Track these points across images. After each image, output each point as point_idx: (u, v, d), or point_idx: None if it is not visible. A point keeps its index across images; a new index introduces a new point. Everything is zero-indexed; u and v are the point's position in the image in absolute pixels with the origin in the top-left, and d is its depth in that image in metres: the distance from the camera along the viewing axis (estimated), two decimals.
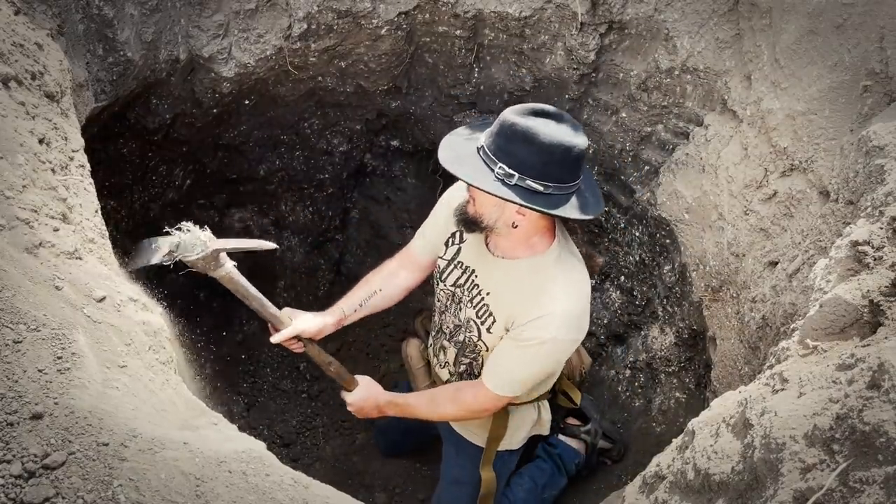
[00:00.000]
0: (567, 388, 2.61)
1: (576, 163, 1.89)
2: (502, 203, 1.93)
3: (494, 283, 2.15)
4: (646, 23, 2.26)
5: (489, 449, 2.47)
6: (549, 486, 2.63)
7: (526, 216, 1.97)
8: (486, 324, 2.18)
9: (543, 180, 1.86)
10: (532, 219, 1.99)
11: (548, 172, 1.86)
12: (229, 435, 1.35)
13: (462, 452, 2.55)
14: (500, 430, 2.45)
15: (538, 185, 1.85)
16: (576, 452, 2.70)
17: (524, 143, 1.85)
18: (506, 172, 1.85)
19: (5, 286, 1.20)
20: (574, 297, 2.03)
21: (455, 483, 2.56)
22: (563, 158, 1.86)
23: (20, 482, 1.00)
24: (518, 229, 2.01)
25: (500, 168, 1.86)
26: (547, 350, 2.03)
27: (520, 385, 2.14)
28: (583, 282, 2.08)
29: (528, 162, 1.85)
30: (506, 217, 1.98)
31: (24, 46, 1.56)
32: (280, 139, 2.98)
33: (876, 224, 1.35)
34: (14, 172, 1.37)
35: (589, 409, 2.74)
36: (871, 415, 0.94)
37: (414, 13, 2.41)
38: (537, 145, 1.84)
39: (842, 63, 1.73)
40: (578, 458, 2.70)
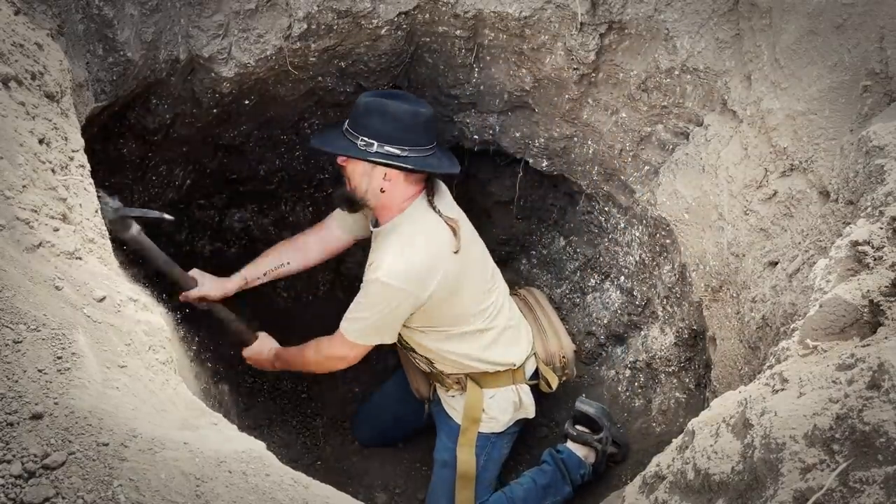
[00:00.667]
0: (545, 373, 2.67)
1: (426, 126, 2.27)
2: (369, 172, 2.27)
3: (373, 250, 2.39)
4: (646, 23, 2.25)
5: (468, 430, 2.54)
6: (551, 490, 2.63)
7: (391, 180, 2.27)
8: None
9: (400, 144, 2.21)
10: (398, 183, 2.29)
11: (402, 138, 2.21)
12: (229, 435, 1.35)
13: (450, 434, 2.62)
14: (475, 412, 2.53)
15: (396, 149, 2.21)
16: (581, 462, 2.69)
17: (377, 115, 2.22)
18: (366, 142, 2.22)
19: (5, 286, 1.20)
20: (409, 248, 2.25)
21: (444, 466, 2.63)
22: (414, 122, 2.23)
23: (20, 482, 1.00)
24: (387, 195, 2.30)
25: (362, 140, 2.23)
26: (375, 290, 2.24)
27: (360, 326, 2.33)
28: (427, 235, 2.29)
29: (383, 131, 2.21)
30: (374, 185, 2.28)
31: (24, 46, 1.56)
32: (280, 139, 2.98)
33: (876, 224, 1.35)
34: (14, 172, 1.37)
35: (601, 417, 2.73)
36: (871, 415, 0.94)
37: (414, 13, 2.41)
38: (388, 115, 2.22)
39: (842, 63, 1.73)
40: (584, 469, 2.69)
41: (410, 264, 2.23)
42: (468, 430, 2.56)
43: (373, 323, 2.32)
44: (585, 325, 3.16)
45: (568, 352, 2.74)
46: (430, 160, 2.29)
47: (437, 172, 2.35)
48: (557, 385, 2.72)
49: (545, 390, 2.71)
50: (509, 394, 2.58)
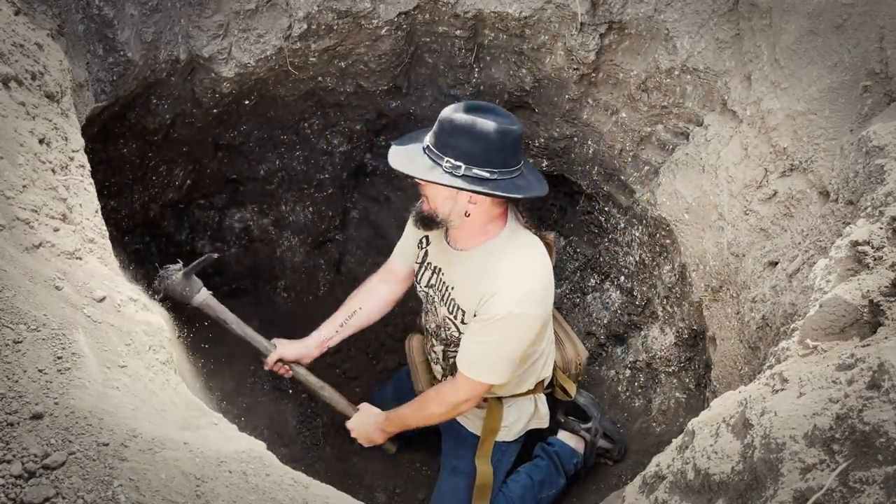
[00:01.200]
0: (563, 381, 2.65)
1: (514, 146, 2.05)
2: (454, 195, 2.08)
3: (456, 276, 2.25)
4: (646, 23, 2.26)
5: (486, 441, 2.51)
6: (546, 484, 2.63)
7: (477, 203, 2.10)
8: (458, 318, 2.26)
9: (488, 167, 2.01)
10: (483, 206, 2.12)
11: (491, 159, 2.01)
12: (229, 435, 1.35)
13: (461, 442, 2.59)
14: (495, 423, 2.50)
15: (484, 171, 2.00)
16: (573, 452, 2.69)
17: (465, 135, 2.00)
18: (453, 164, 2.00)
19: (5, 286, 1.20)
20: (525, 271, 2.12)
21: (453, 472, 2.59)
22: (503, 143, 2.01)
23: (20, 482, 1.00)
24: (471, 218, 2.14)
25: (448, 161, 2.01)
26: (505, 325, 2.10)
27: (491, 366, 2.19)
28: (535, 256, 2.17)
29: (471, 151, 2.00)
30: (458, 208, 2.11)
31: (24, 46, 1.56)
32: (280, 139, 2.98)
33: (876, 224, 1.35)
34: (14, 172, 1.37)
35: (590, 407, 2.73)
36: (871, 415, 0.94)
37: (414, 13, 2.41)
38: (477, 134, 1.99)
39: (842, 63, 1.73)
40: (576, 458, 2.70)
41: (530, 288, 2.11)
42: (486, 442, 2.51)
43: (502, 357, 2.18)
44: (585, 325, 3.16)
45: (583, 358, 2.72)
46: (519, 181, 2.08)
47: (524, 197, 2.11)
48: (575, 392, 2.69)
49: (562, 398, 2.67)
50: (527, 404, 2.56)
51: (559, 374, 2.65)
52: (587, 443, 2.72)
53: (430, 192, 2.12)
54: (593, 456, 2.74)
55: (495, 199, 2.11)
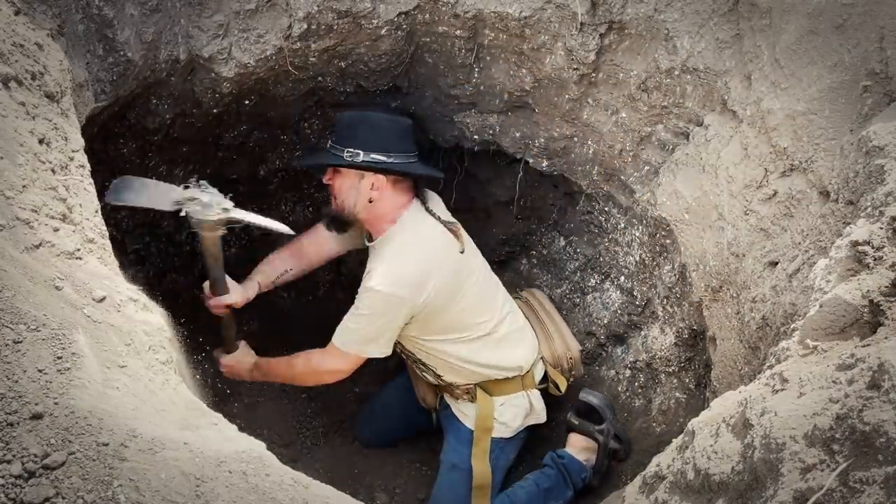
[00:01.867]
0: (553, 376, 2.67)
1: (405, 133, 2.34)
2: (356, 184, 2.31)
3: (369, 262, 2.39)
4: (646, 23, 2.25)
5: (481, 441, 2.53)
6: (552, 493, 2.62)
7: (380, 189, 2.31)
8: None
9: (384, 152, 2.27)
10: (386, 192, 2.32)
11: (386, 145, 2.27)
12: (229, 435, 1.35)
13: (460, 438, 2.61)
14: (487, 422, 2.53)
15: (381, 156, 2.27)
16: (583, 466, 2.68)
17: (359, 126, 2.30)
18: (352, 153, 2.27)
19: (5, 286, 1.20)
20: (403, 253, 2.26)
21: (452, 469, 2.61)
22: (395, 129, 2.31)
23: (20, 482, 1.00)
24: (375, 205, 2.33)
25: (347, 151, 2.27)
26: (369, 299, 2.24)
27: (355, 337, 2.32)
28: (421, 242, 2.30)
29: (368, 139, 2.27)
30: (362, 197, 2.32)
31: (24, 46, 1.56)
32: (280, 139, 2.98)
33: (876, 224, 1.35)
34: (14, 172, 1.37)
35: (604, 408, 2.73)
36: (871, 415, 0.94)
37: (414, 13, 2.41)
38: (370, 123, 2.30)
39: (842, 63, 1.73)
40: (585, 473, 2.68)
41: (404, 270, 2.23)
42: (481, 440, 2.55)
43: (368, 333, 2.31)
44: (585, 325, 3.16)
45: (574, 352, 2.75)
46: (415, 166, 2.34)
47: (423, 176, 2.39)
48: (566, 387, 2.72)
49: (554, 393, 2.71)
50: (520, 400, 2.58)
51: (549, 369, 2.67)
52: (600, 445, 2.71)
53: (336, 189, 2.36)
54: (607, 460, 2.73)
55: (398, 187, 2.33)
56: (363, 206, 2.33)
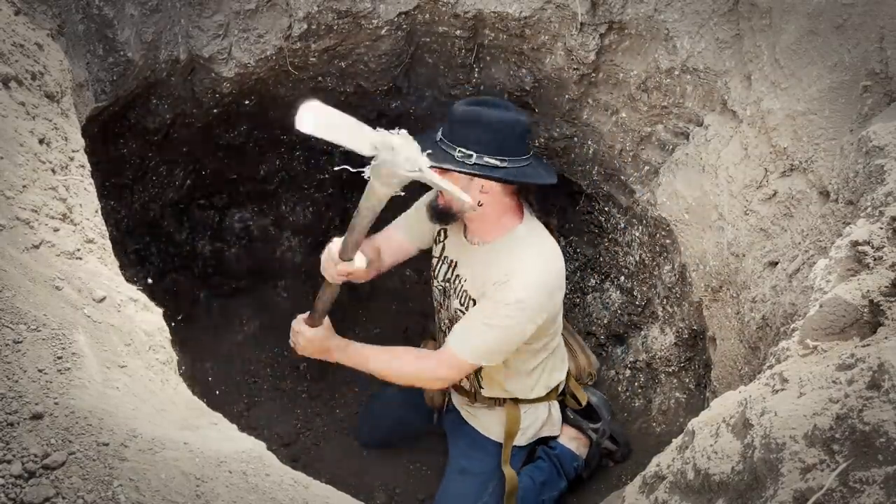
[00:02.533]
0: (575, 389, 2.66)
1: (523, 136, 2.13)
2: (466, 185, 2.11)
3: (471, 268, 2.26)
4: (646, 23, 2.25)
5: (507, 446, 2.51)
6: (547, 486, 2.63)
7: (489, 193, 2.14)
8: (468, 308, 2.25)
9: (499, 155, 2.07)
10: (496, 196, 2.16)
11: (501, 147, 2.07)
12: (229, 435, 1.35)
13: (473, 445, 2.58)
14: (514, 427, 2.49)
15: (495, 160, 2.06)
16: (575, 455, 2.69)
17: (475, 125, 2.07)
18: (464, 154, 2.06)
19: (5, 286, 1.20)
20: (540, 262, 2.14)
21: (462, 473, 2.58)
22: (512, 132, 2.09)
23: (20, 482, 1.00)
24: (485, 209, 2.17)
25: (459, 151, 2.07)
26: (510, 311, 2.09)
27: (482, 348, 2.15)
28: (552, 251, 2.19)
29: (481, 141, 2.06)
30: (472, 198, 2.09)
31: (24, 46, 1.56)
32: (280, 139, 2.98)
33: (876, 224, 1.35)
34: (14, 172, 1.37)
35: (602, 408, 2.73)
36: (871, 415, 0.94)
37: (414, 13, 2.41)
38: (486, 124, 2.07)
39: (842, 63, 1.73)
40: (577, 462, 2.69)
41: (544, 281, 2.12)
42: (508, 446, 2.51)
43: (500, 344, 2.16)
44: (585, 325, 3.16)
45: (595, 366, 2.74)
46: (528, 170, 2.14)
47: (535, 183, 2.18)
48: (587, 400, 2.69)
49: (573, 407, 2.68)
50: (542, 410, 2.56)
51: (572, 383, 2.66)
52: (592, 443, 2.71)
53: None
54: (597, 458, 2.73)
55: (507, 190, 2.16)
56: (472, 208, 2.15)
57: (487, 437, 2.56)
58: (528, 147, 2.15)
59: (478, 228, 2.25)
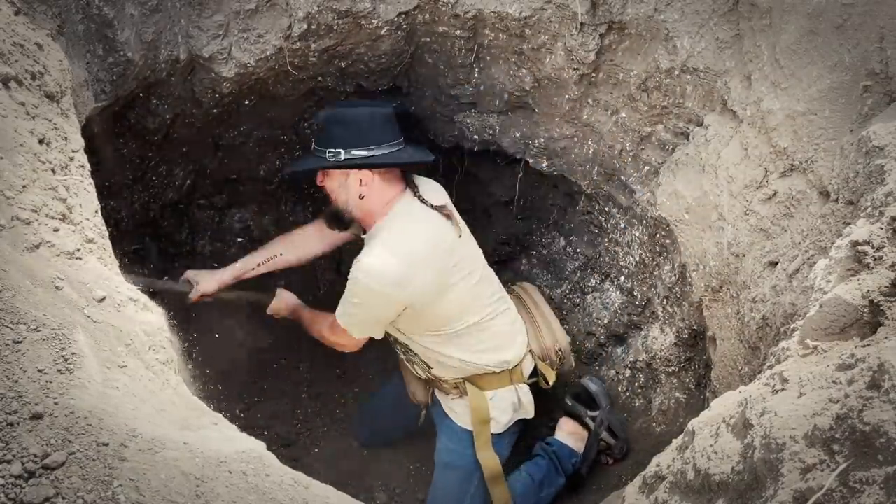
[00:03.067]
0: (542, 369, 2.67)
1: (385, 123, 2.30)
2: (344, 182, 2.31)
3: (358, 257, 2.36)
4: (646, 23, 2.25)
5: (481, 433, 2.53)
6: (546, 483, 2.64)
7: (368, 184, 2.29)
8: None
9: (365, 146, 2.24)
10: (374, 186, 2.30)
11: (366, 138, 2.24)
12: (229, 435, 1.35)
13: (452, 437, 2.62)
14: (482, 414, 2.53)
15: (363, 151, 2.24)
16: (572, 452, 2.70)
17: (336, 125, 2.27)
18: (333, 152, 2.25)
19: (5, 286, 1.20)
20: (388, 247, 2.24)
21: (446, 468, 2.62)
22: (372, 122, 2.27)
23: (20, 482, 1.00)
24: (366, 200, 2.32)
25: (329, 151, 2.26)
26: (357, 290, 2.25)
27: (347, 317, 2.34)
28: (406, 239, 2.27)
29: (345, 137, 2.25)
30: (352, 194, 2.31)
31: (24, 46, 1.56)
32: (280, 139, 2.98)
33: (876, 224, 1.35)
34: (14, 172, 1.37)
35: (600, 396, 2.73)
36: (871, 415, 0.94)
37: (414, 13, 2.41)
38: (346, 119, 2.27)
39: (842, 63, 1.73)
40: (575, 458, 2.70)
41: (387, 268, 2.21)
42: (481, 433, 2.55)
43: (360, 319, 2.35)
44: (585, 325, 3.16)
45: (563, 344, 2.73)
46: (400, 154, 2.31)
47: (407, 163, 2.37)
48: (554, 380, 2.71)
49: (544, 387, 2.71)
50: (509, 394, 2.58)
51: (538, 363, 2.67)
52: (590, 432, 2.71)
53: (328, 189, 2.38)
54: (595, 447, 2.72)
55: (385, 178, 2.31)
56: (355, 203, 2.33)
57: (464, 427, 2.58)
58: (397, 133, 2.32)
59: (366, 222, 2.40)
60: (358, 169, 2.27)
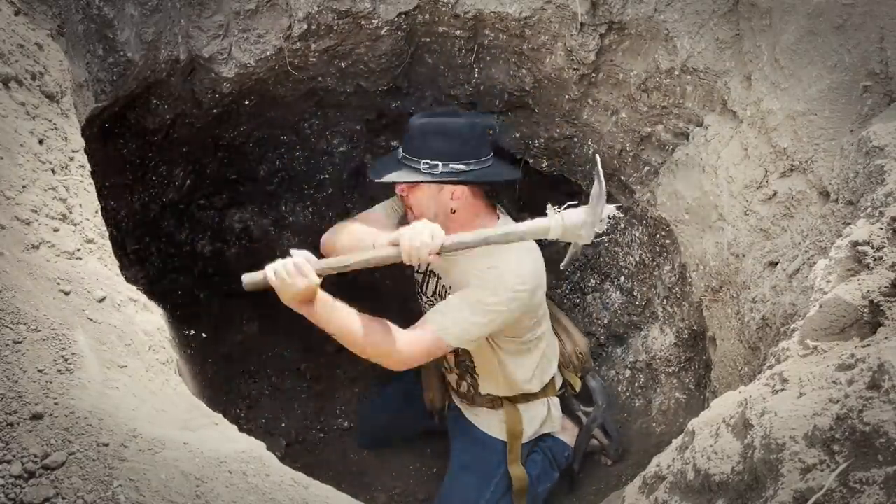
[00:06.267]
0: (567, 376, 2.67)
1: (482, 137, 2.20)
2: (435, 194, 2.17)
3: (455, 275, 2.27)
4: (646, 23, 2.25)
5: (514, 447, 2.53)
6: (542, 479, 2.65)
7: (461, 199, 2.19)
8: None
9: (463, 160, 2.14)
10: (467, 200, 2.21)
11: (463, 152, 2.14)
12: (229, 435, 1.35)
13: (475, 441, 2.61)
14: (516, 426, 2.51)
15: (460, 165, 2.13)
16: (565, 445, 2.71)
17: (436, 135, 2.14)
18: (430, 164, 2.12)
19: (5, 286, 1.20)
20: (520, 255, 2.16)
21: (464, 469, 2.60)
22: (471, 136, 2.17)
23: (20, 482, 1.00)
24: (458, 214, 2.21)
25: (425, 163, 2.13)
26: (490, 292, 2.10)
27: (460, 329, 2.11)
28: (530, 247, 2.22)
29: (444, 149, 2.13)
30: (443, 206, 2.18)
31: (24, 47, 1.56)
32: (280, 139, 2.98)
33: (876, 224, 1.35)
34: (14, 172, 1.37)
35: (598, 394, 2.73)
36: (871, 415, 0.94)
37: (414, 13, 2.41)
38: (445, 133, 2.15)
39: (842, 63, 1.73)
40: (567, 451, 2.71)
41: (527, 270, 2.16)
42: (514, 447, 2.54)
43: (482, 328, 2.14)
44: (585, 325, 3.16)
45: (583, 347, 2.72)
46: (493, 170, 2.21)
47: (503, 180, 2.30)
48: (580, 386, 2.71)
49: (571, 393, 2.71)
50: (541, 408, 2.58)
51: (563, 371, 2.68)
52: (582, 427, 2.72)
53: (414, 200, 2.21)
54: (585, 443, 2.72)
55: (477, 192, 2.22)
56: (445, 216, 2.17)
57: (489, 434, 2.58)
58: (489, 147, 2.22)
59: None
60: (455, 184, 2.14)
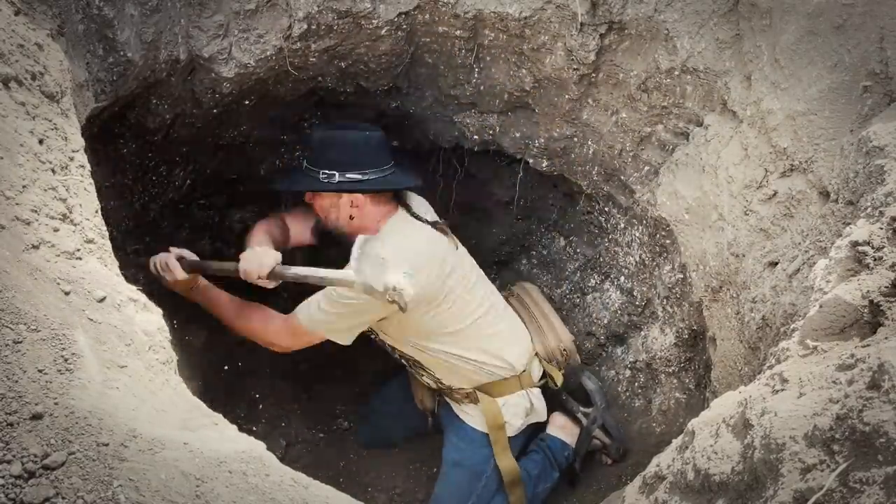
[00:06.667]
0: (548, 370, 2.69)
1: (379, 147, 2.36)
2: (336, 202, 2.34)
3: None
4: (646, 23, 2.25)
5: (498, 438, 2.55)
6: (542, 478, 2.66)
7: (359, 206, 2.33)
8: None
9: (360, 169, 2.29)
10: (365, 207, 2.34)
11: (360, 162, 2.29)
12: (229, 435, 1.35)
13: (463, 437, 2.63)
14: (496, 419, 2.54)
15: (357, 174, 2.29)
16: (565, 445, 2.72)
17: (331, 147, 2.31)
18: (327, 174, 2.29)
19: (5, 286, 1.20)
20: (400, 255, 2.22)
21: (455, 465, 2.63)
22: (368, 145, 2.33)
23: (20, 482, 1.00)
24: (358, 221, 2.35)
25: (322, 173, 2.30)
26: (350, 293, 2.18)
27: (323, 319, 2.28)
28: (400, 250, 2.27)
29: (339, 159, 2.29)
30: (343, 214, 2.35)
31: (24, 47, 1.55)
32: (280, 139, 2.98)
33: (876, 224, 1.35)
34: (14, 172, 1.37)
35: (596, 394, 2.74)
36: (871, 415, 0.94)
37: (414, 13, 2.41)
38: (342, 143, 2.32)
39: (842, 63, 1.73)
40: (567, 451, 2.72)
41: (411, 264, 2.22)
42: (499, 439, 2.58)
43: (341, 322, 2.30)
44: (585, 325, 3.16)
45: (567, 343, 2.76)
46: (391, 178, 2.36)
47: (397, 188, 2.42)
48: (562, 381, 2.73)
49: (553, 387, 2.73)
50: (520, 399, 2.60)
51: (544, 365, 2.69)
52: (582, 429, 2.72)
53: (318, 208, 2.40)
54: (586, 444, 2.73)
55: (376, 200, 2.36)
56: (345, 222, 2.36)
57: (475, 427, 2.60)
58: (389, 158, 2.37)
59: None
60: (350, 192, 2.30)
